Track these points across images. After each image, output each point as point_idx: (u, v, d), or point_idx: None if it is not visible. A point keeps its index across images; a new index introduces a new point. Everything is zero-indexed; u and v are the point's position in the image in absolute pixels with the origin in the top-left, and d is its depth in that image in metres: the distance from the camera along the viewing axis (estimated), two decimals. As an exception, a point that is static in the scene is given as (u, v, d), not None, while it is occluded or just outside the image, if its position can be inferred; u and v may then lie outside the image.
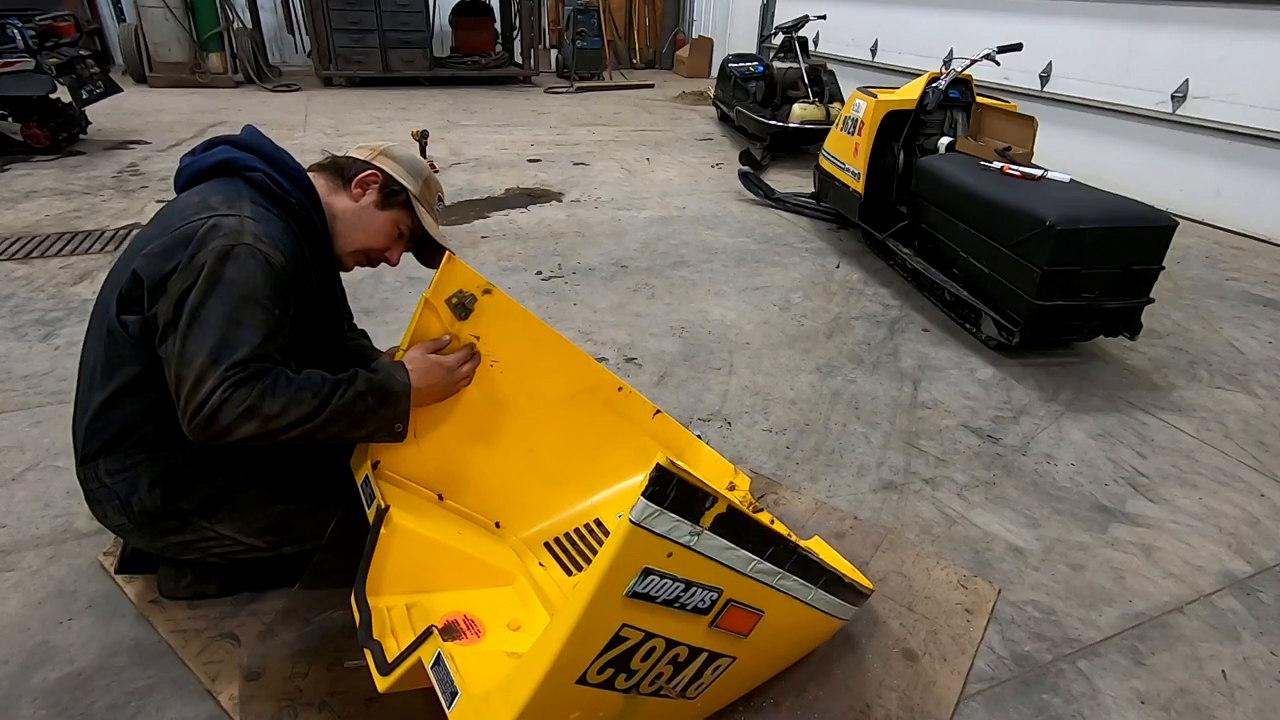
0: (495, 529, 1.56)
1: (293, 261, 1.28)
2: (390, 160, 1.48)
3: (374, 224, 1.47)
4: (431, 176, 1.54)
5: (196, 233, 1.20)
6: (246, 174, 1.34)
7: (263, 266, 1.21)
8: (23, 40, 4.88)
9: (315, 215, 1.40)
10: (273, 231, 1.26)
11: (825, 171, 4.13)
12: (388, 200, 1.47)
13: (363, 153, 1.49)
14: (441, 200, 1.57)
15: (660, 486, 0.84)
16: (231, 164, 1.34)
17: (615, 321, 3.04)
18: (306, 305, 1.35)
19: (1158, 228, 2.58)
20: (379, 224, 1.47)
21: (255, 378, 1.14)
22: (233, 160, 1.35)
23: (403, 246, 1.54)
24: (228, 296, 1.16)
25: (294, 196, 1.36)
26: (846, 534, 1.90)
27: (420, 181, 1.50)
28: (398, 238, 1.51)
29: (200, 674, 1.42)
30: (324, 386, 1.20)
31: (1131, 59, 5.03)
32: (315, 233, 1.40)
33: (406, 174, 1.48)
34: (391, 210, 1.48)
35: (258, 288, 1.19)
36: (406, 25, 8.53)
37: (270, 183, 1.34)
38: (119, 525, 1.41)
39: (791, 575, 1.12)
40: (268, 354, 1.18)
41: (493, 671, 1.04)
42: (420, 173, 1.51)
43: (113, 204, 4.21)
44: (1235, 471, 2.25)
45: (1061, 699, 1.49)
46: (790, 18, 6.15)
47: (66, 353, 2.59)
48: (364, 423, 1.25)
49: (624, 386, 1.72)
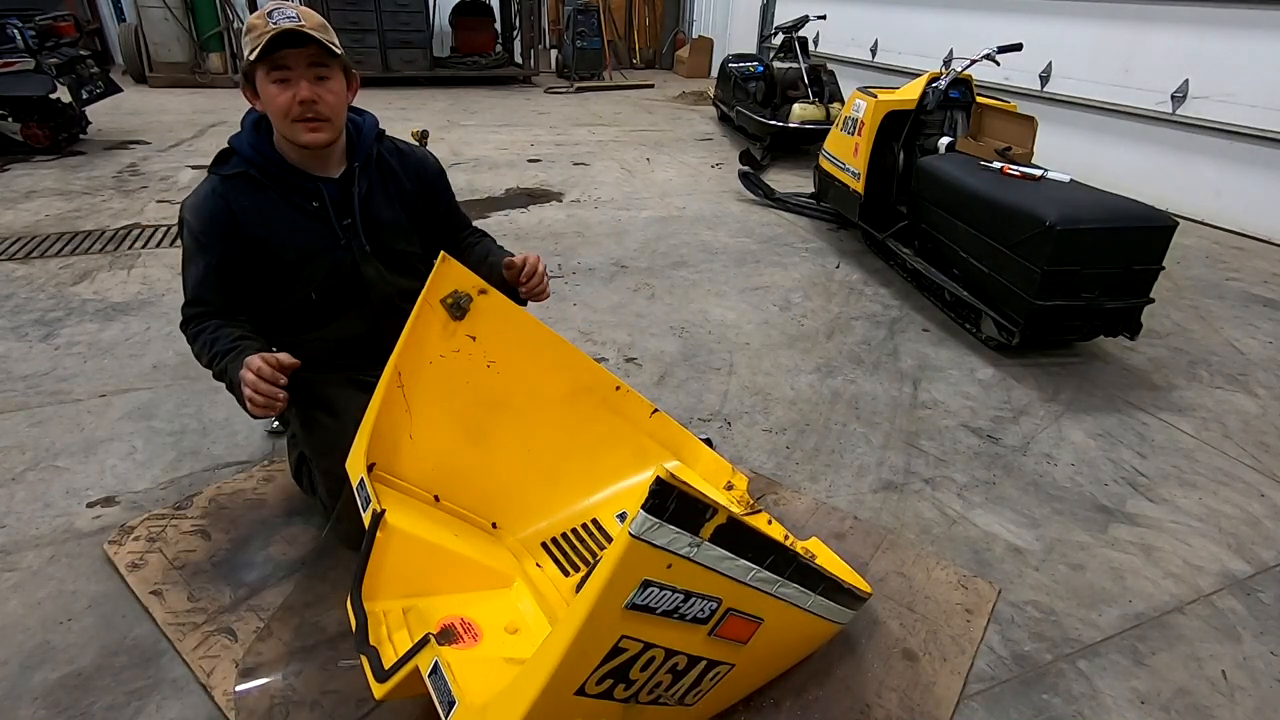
0: (492, 530, 1.56)
1: (210, 218, 1.52)
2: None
3: (266, 100, 1.49)
4: (251, 17, 1.46)
5: None
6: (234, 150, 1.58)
7: (188, 229, 1.53)
8: (23, 40, 4.89)
9: (262, 154, 1.55)
10: (197, 200, 1.54)
11: (825, 171, 4.13)
12: (251, 83, 1.50)
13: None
14: (280, 7, 1.44)
15: (660, 499, 0.83)
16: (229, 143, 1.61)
17: (615, 321, 3.04)
18: (263, 241, 1.55)
19: (1158, 228, 2.58)
20: (265, 98, 1.48)
21: (188, 321, 1.53)
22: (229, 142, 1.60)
23: (295, 84, 1.45)
24: (182, 257, 1.57)
25: (243, 152, 1.56)
26: (846, 534, 1.90)
27: (247, 39, 1.44)
28: (282, 86, 1.45)
29: (196, 669, 1.43)
30: (212, 353, 1.47)
31: (1131, 59, 5.02)
32: (279, 171, 1.55)
33: (244, 49, 1.45)
34: (255, 79, 1.48)
35: (187, 246, 1.55)
36: (406, 25, 8.52)
37: (229, 152, 1.57)
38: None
39: (791, 583, 1.12)
40: (200, 297, 1.53)
41: (490, 679, 1.03)
42: (245, 32, 1.47)
43: (113, 204, 4.21)
44: (1235, 471, 2.24)
45: (1061, 699, 1.48)
46: (790, 18, 6.15)
47: (67, 353, 2.60)
48: (232, 394, 1.44)
49: (621, 386, 1.72)
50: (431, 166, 1.81)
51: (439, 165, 1.84)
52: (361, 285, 1.67)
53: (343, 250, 1.64)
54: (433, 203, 1.82)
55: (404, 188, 1.74)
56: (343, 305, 1.67)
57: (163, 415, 2.27)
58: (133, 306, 2.97)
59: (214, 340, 1.48)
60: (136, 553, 1.71)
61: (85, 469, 2.02)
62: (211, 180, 1.56)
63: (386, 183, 1.71)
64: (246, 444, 2.15)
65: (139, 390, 2.39)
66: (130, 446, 2.12)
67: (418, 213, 1.79)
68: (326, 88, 1.49)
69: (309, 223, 1.60)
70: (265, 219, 1.56)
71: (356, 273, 1.66)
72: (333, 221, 1.62)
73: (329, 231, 1.62)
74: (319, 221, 1.61)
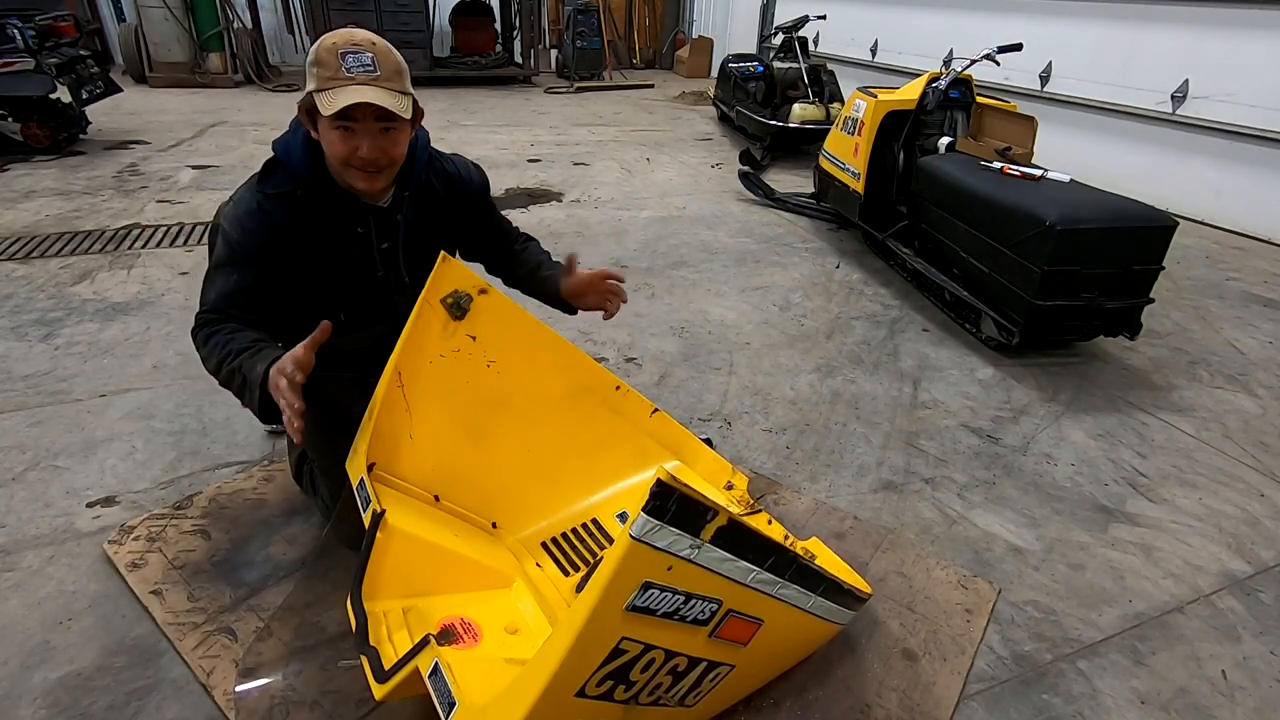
0: (492, 530, 1.56)
1: (252, 233, 1.44)
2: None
3: (326, 143, 1.40)
4: (322, 46, 1.35)
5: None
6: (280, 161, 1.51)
7: (226, 240, 1.46)
8: (23, 40, 4.88)
9: (313, 177, 1.47)
10: (239, 212, 1.46)
11: (825, 171, 4.13)
12: (312, 115, 1.40)
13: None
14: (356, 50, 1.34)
15: (660, 501, 0.83)
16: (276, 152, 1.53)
17: (615, 321, 3.01)
18: (300, 262, 1.50)
19: (1158, 228, 2.58)
20: (325, 140, 1.40)
21: (202, 325, 1.44)
22: (275, 149, 1.53)
23: (360, 137, 1.38)
24: (210, 262, 1.50)
25: (292, 169, 1.47)
26: (846, 534, 1.90)
27: (314, 70, 1.34)
28: (344, 134, 1.37)
29: (196, 669, 1.43)
30: (225, 351, 1.38)
31: (1131, 59, 5.02)
32: (328, 195, 1.48)
33: (307, 75, 1.36)
34: (320, 120, 1.37)
35: (220, 256, 1.47)
36: (406, 25, 8.52)
37: (276, 164, 1.49)
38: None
39: (791, 584, 1.12)
40: (223, 309, 1.44)
41: (490, 680, 1.03)
42: (313, 62, 1.35)
43: (113, 204, 4.21)
44: (1235, 471, 2.24)
45: (1061, 699, 1.48)
46: (790, 18, 6.15)
47: (66, 353, 2.60)
48: (243, 395, 1.37)
49: (621, 385, 1.72)
50: (476, 185, 1.74)
51: (483, 181, 1.76)
52: (390, 309, 1.63)
53: (380, 280, 1.61)
54: (474, 222, 1.77)
55: (446, 214, 1.68)
56: (366, 322, 1.64)
57: (163, 415, 2.27)
58: (133, 306, 2.97)
59: (228, 341, 1.40)
60: (136, 553, 1.71)
61: (85, 469, 2.02)
62: (257, 195, 1.48)
63: (430, 211, 1.66)
64: (246, 444, 2.15)
65: (139, 390, 2.39)
66: (130, 446, 2.12)
67: (457, 235, 1.76)
68: (391, 139, 1.41)
69: (350, 249, 1.56)
70: (307, 240, 1.50)
71: (389, 300, 1.63)
72: (374, 249, 1.58)
73: (369, 259, 1.58)
74: (361, 248, 1.57)
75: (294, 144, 1.48)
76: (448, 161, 1.69)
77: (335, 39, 1.35)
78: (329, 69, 1.32)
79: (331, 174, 1.48)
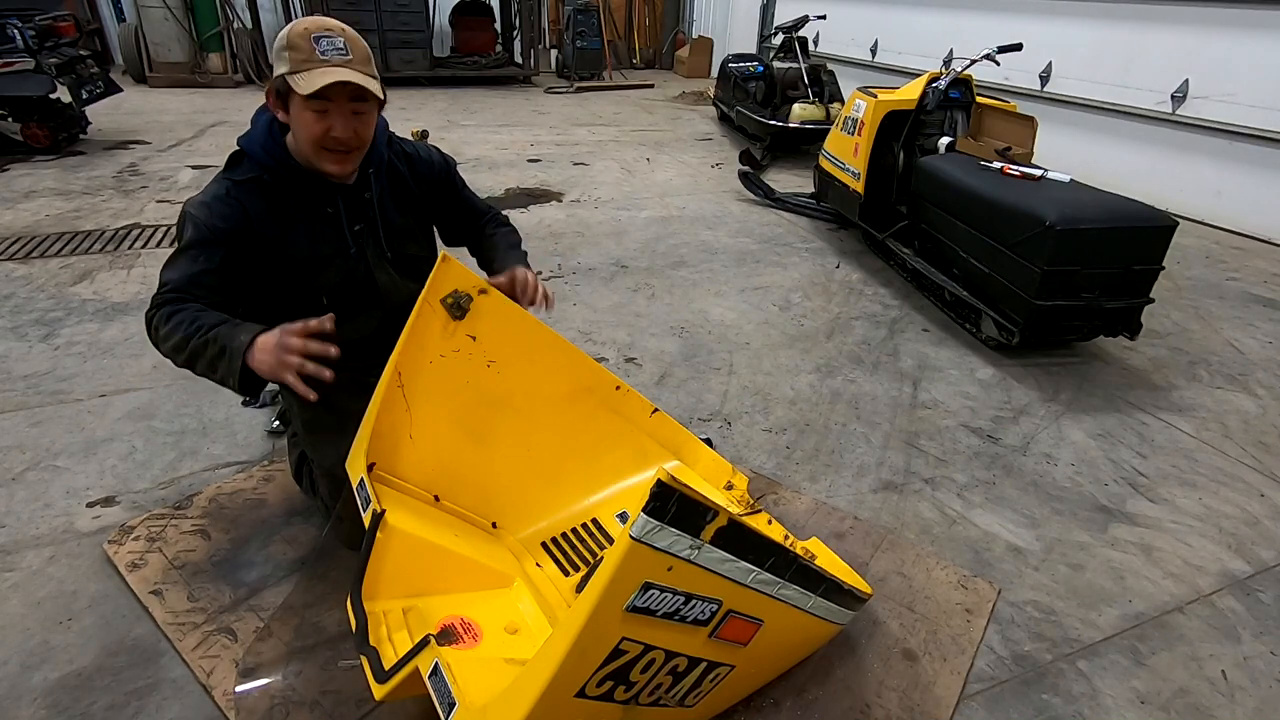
0: (492, 530, 1.56)
1: (221, 218, 1.46)
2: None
3: (296, 126, 1.44)
4: (294, 30, 1.38)
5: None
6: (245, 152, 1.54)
7: (193, 224, 1.46)
8: (23, 40, 4.88)
9: (278, 160, 1.50)
10: (206, 198, 1.48)
11: (825, 171, 4.13)
12: (282, 98, 1.43)
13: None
14: (329, 35, 1.38)
15: (661, 502, 0.83)
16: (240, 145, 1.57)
17: (615, 321, 3.04)
18: (272, 247, 1.52)
19: (1158, 228, 2.58)
20: (299, 122, 1.43)
21: (161, 304, 1.40)
22: (239, 142, 1.56)
23: (334, 116, 1.42)
24: (175, 246, 1.49)
25: (256, 155, 1.51)
26: (846, 534, 1.90)
27: (285, 54, 1.37)
28: (319, 115, 1.41)
29: (196, 669, 1.43)
30: (192, 326, 1.35)
31: (1131, 59, 5.02)
32: (293, 177, 1.51)
33: (277, 59, 1.39)
34: (293, 102, 1.41)
35: (188, 241, 1.46)
36: (406, 25, 8.52)
37: (241, 154, 1.52)
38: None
39: (791, 585, 1.12)
40: (185, 290, 1.42)
41: (490, 680, 1.03)
42: (285, 46, 1.38)
43: (113, 204, 4.21)
44: (1235, 471, 2.24)
45: (1061, 699, 1.48)
46: (790, 18, 6.15)
47: (66, 353, 2.60)
48: (215, 368, 1.35)
49: (621, 385, 1.72)
50: (438, 166, 1.79)
51: (446, 161, 1.81)
52: (374, 290, 1.66)
53: (354, 257, 1.63)
54: (444, 201, 1.81)
55: (411, 192, 1.73)
56: (354, 309, 1.65)
57: (163, 415, 2.27)
58: (132, 306, 2.97)
59: (196, 317, 1.37)
60: (136, 553, 1.71)
61: (85, 469, 2.02)
62: (224, 183, 1.52)
63: (396, 188, 1.70)
64: (246, 444, 2.15)
65: (139, 390, 2.39)
66: (130, 446, 2.12)
67: (428, 214, 1.79)
68: (362, 121, 1.46)
69: (322, 229, 1.59)
70: (279, 223, 1.53)
71: (370, 278, 1.65)
72: (344, 228, 1.60)
73: (341, 238, 1.61)
74: (332, 228, 1.60)
75: (255, 133, 1.53)
76: (407, 144, 1.75)
77: (307, 24, 1.40)
78: (303, 53, 1.37)
79: (297, 158, 1.52)
